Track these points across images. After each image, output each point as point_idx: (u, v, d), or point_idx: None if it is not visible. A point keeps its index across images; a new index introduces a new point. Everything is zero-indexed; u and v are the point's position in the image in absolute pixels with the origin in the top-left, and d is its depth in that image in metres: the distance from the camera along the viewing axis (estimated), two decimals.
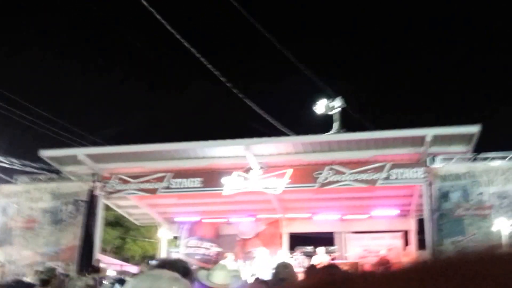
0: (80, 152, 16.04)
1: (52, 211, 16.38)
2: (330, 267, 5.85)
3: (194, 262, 17.22)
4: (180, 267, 2.43)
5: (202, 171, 15.93)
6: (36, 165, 18.02)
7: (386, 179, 14.66)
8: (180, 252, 19.02)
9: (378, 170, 14.70)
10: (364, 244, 18.33)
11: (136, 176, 16.23)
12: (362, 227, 18.68)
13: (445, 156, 14.34)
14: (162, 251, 20.18)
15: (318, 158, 15.24)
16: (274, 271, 5.68)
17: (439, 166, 14.23)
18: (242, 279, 6.78)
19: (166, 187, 16.00)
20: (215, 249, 19.07)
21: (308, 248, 18.41)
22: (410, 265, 0.66)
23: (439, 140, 14.10)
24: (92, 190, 16.29)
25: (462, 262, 0.63)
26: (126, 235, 33.17)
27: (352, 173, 14.88)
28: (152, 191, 16.15)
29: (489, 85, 47.45)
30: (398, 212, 17.87)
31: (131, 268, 23.28)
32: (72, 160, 16.09)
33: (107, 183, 16.38)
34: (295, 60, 18.86)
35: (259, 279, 7.72)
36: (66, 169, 16.64)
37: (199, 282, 5.00)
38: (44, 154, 16.12)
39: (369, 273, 0.69)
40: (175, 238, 21.06)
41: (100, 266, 15.34)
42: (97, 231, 16.28)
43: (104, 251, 23.53)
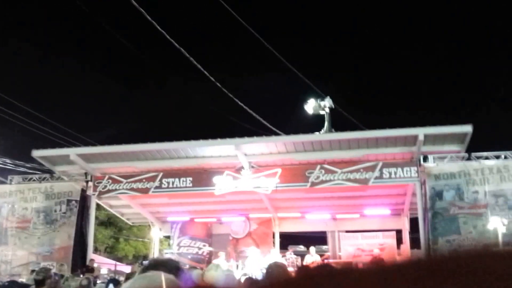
0: (72, 152, 15.95)
1: (46, 211, 16.32)
2: (323, 267, 5.84)
3: (186, 262, 17.20)
4: (173, 267, 2.41)
5: (193, 171, 15.90)
6: (29, 165, 17.94)
7: (378, 178, 14.64)
8: (172, 251, 18.96)
9: (370, 169, 14.68)
10: (357, 243, 18.28)
11: (127, 176, 16.18)
12: (355, 226, 18.67)
13: (438, 155, 14.36)
14: (155, 250, 20.13)
15: (310, 158, 15.22)
16: (267, 271, 5.66)
17: (432, 165, 14.24)
18: (235, 279, 6.76)
19: (158, 187, 15.95)
20: (207, 248, 19.03)
21: (301, 247, 18.41)
22: (405, 261, 0.65)
23: (431, 139, 14.11)
24: (84, 190, 16.26)
25: (458, 259, 0.62)
26: (119, 235, 33.06)
27: (343, 172, 14.85)
28: (144, 191, 16.10)
29: (482, 85, 47.56)
30: (390, 211, 17.88)
31: (124, 268, 23.21)
32: (64, 160, 16.03)
33: (99, 182, 16.32)
34: (285, 60, 18.80)
35: (250, 278, 7.70)
36: (58, 169, 16.56)
37: (192, 282, 4.98)
38: (36, 154, 16.04)
39: (363, 269, 0.67)
40: (167, 238, 21.01)
41: (94, 265, 15.29)
42: (90, 231, 16.23)
43: (97, 250, 23.45)
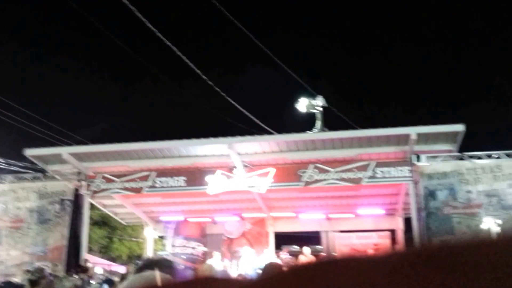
0: (64, 151, 15.88)
1: (39, 211, 16.23)
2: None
3: (180, 262, 17.18)
4: (167, 266, 2.40)
5: (186, 170, 15.85)
6: (22, 164, 17.86)
7: (372, 177, 14.65)
8: (167, 251, 18.93)
9: (363, 168, 14.69)
10: (351, 243, 18.30)
11: (120, 175, 16.13)
12: (349, 226, 18.68)
13: (430, 155, 14.37)
14: (149, 250, 20.10)
15: (303, 157, 15.19)
16: (262, 271, 5.64)
17: (425, 164, 14.25)
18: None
19: (151, 186, 15.91)
20: (201, 248, 19.01)
21: (295, 248, 18.41)
22: (399, 251, 0.64)
23: (424, 138, 14.13)
24: (77, 189, 16.19)
25: (452, 249, 0.61)
26: (113, 235, 32.97)
27: (337, 171, 14.85)
28: (137, 190, 16.06)
29: (475, 83, 47.73)
30: (385, 211, 17.92)
31: (119, 268, 23.15)
32: (56, 159, 15.94)
33: (92, 182, 16.26)
34: (278, 59, 18.83)
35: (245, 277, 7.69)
36: (51, 168, 16.47)
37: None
38: (28, 153, 15.95)
39: (356, 258, 0.65)
40: (161, 238, 20.97)
41: (88, 265, 15.26)
42: (83, 231, 16.15)
43: (90, 250, 23.37)
